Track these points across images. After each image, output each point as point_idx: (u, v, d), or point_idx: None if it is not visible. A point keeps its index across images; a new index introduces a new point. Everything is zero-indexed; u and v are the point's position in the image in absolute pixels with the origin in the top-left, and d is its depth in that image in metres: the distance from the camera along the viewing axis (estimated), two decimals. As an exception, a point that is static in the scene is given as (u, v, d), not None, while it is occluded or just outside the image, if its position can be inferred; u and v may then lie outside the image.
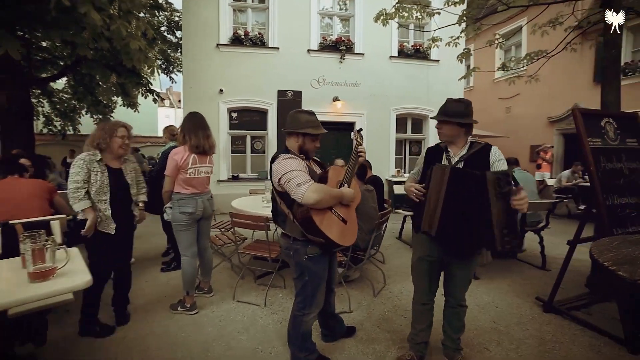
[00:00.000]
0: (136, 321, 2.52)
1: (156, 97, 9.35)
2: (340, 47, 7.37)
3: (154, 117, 19.89)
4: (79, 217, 2.15)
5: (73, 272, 1.30)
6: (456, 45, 4.86)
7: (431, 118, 2.01)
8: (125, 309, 2.53)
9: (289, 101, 7.20)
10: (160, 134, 10.07)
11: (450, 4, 4.33)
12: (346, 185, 1.82)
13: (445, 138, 1.87)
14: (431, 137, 8.32)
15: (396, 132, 8.12)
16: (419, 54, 7.96)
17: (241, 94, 7.03)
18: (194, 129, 2.56)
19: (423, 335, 2.04)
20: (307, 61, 7.33)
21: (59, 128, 10.98)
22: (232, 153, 7.31)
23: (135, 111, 9.77)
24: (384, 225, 3.26)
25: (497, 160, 1.79)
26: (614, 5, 3.03)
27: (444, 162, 1.87)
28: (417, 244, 1.96)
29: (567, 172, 7.27)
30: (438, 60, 8.05)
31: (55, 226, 2.13)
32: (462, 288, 1.93)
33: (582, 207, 7.03)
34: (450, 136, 1.83)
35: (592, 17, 4.17)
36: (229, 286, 3.16)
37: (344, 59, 7.45)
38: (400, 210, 4.81)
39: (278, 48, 7.12)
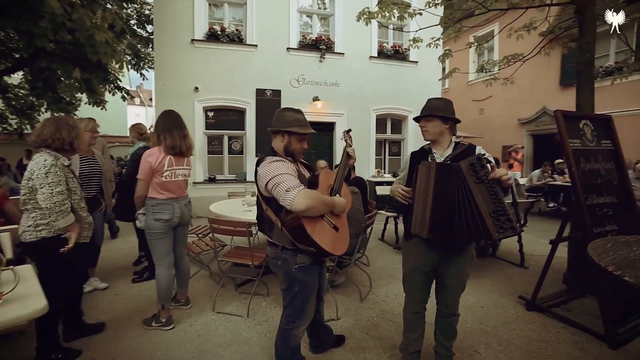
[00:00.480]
0: (105, 339, 2.29)
1: (125, 95, 8.83)
2: (320, 46, 7.28)
3: (123, 115, 18.92)
4: (63, 234, 1.91)
5: (23, 297, 1.10)
6: (436, 47, 4.91)
7: (414, 119, 1.94)
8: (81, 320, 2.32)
9: (268, 100, 7.02)
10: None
11: (431, 5, 4.35)
12: (337, 191, 1.72)
13: (430, 137, 1.82)
14: (410, 137, 8.42)
15: (376, 133, 8.14)
16: (398, 54, 8.03)
17: (218, 93, 6.77)
18: (170, 128, 2.36)
19: (416, 344, 1.97)
20: (286, 60, 7.17)
21: (15, 127, 10.10)
22: (208, 154, 7.02)
23: (102, 109, 9.18)
24: (370, 227, 3.19)
25: (484, 158, 1.78)
26: (587, 12, 3.13)
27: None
28: (410, 253, 1.88)
29: (537, 172, 7.60)
30: (417, 62, 8.15)
31: (5, 239, 1.86)
32: (456, 297, 1.88)
33: (551, 204, 7.38)
34: (435, 134, 1.79)
35: (563, 23, 4.33)
36: (208, 296, 2.97)
37: (324, 58, 7.36)
38: (382, 212, 4.79)
39: (256, 45, 6.92)
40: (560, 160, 7.63)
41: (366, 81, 7.78)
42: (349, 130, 1.95)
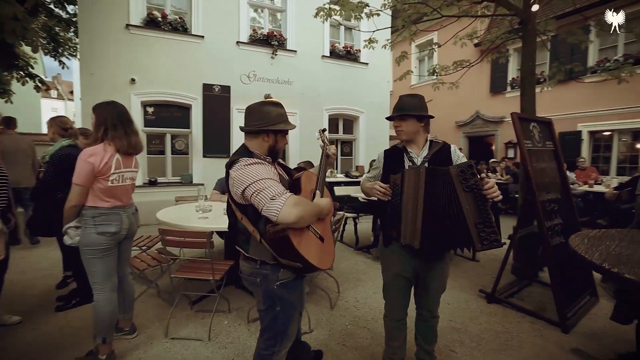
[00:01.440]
0: (21, 391, 1.80)
1: (39, 85, 7.49)
2: (272, 41, 6.99)
3: (36, 110, 16.22)
4: None
5: None
6: (390, 48, 5.01)
7: (387, 118, 1.83)
8: None
9: (216, 97, 6.52)
10: (45, 129, 8.15)
11: (387, 7, 4.40)
12: (319, 194, 1.54)
13: (405, 137, 1.73)
14: (362, 138, 8.57)
15: (329, 133, 8.11)
16: (349, 55, 8.11)
17: (159, 86, 6.08)
18: (118, 122, 1.95)
19: (400, 352, 1.89)
20: (236, 54, 6.75)
21: None
22: (148, 154, 6.27)
23: (7, 101, 7.69)
24: (337, 230, 3.07)
25: (459, 158, 1.75)
26: (529, 25, 3.41)
27: (407, 163, 1.73)
28: (391, 260, 1.78)
29: (475, 170, 8.29)
30: (367, 63, 8.32)
31: None
32: (438, 300, 1.84)
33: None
34: (410, 133, 1.71)
35: (501, 35, 4.72)
36: (158, 320, 2.56)
37: (276, 54, 7.10)
38: (340, 212, 4.72)
39: (203, 37, 6.38)
40: (494, 160, 8.42)
41: (319, 80, 7.71)
42: (324, 130, 1.77)
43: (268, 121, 1.44)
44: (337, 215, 3.15)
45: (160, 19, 6.03)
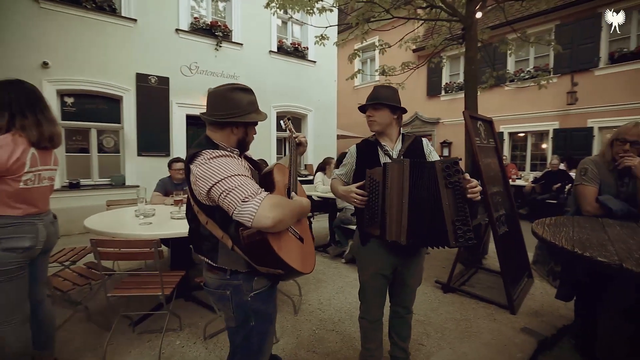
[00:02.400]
0: None
1: None
2: (216, 32, 6.53)
3: None
4: None
5: None
6: (340, 47, 5.02)
7: (359, 108, 1.73)
8: None
9: (152, 89, 5.86)
10: None
11: (338, 3, 4.38)
12: (294, 190, 1.39)
13: (377, 128, 1.68)
14: (310, 137, 8.51)
15: (276, 131, 7.90)
16: (297, 52, 7.99)
17: (81, 73, 5.22)
18: (27, 107, 1.53)
19: (377, 354, 1.83)
20: (175, 43, 6.14)
21: None
22: (67, 152, 5.36)
23: None
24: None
25: (431, 152, 1.76)
26: (472, 30, 3.67)
27: (382, 157, 1.68)
28: (369, 258, 1.70)
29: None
30: (315, 61, 8.29)
31: None
32: (413, 295, 1.82)
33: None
34: (383, 125, 1.66)
35: (444, 42, 5.06)
36: (91, 349, 2.13)
37: (220, 46, 6.65)
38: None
39: (135, 20, 5.66)
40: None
41: (266, 76, 7.44)
42: (289, 118, 1.60)
43: (237, 111, 1.23)
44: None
45: (80, -5, 5.19)
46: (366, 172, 1.58)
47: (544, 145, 8.77)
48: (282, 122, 1.60)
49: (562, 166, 7.03)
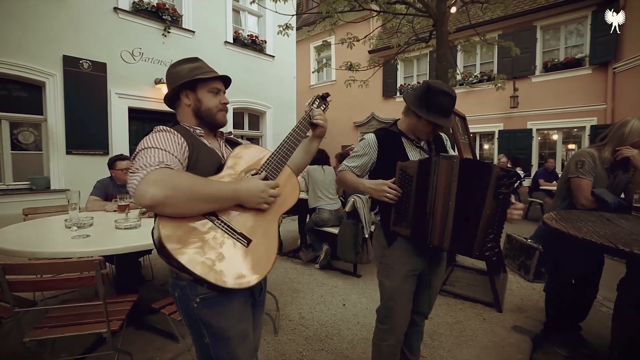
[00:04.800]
0: None
1: None
2: (163, 15, 5.79)
3: None
4: None
5: None
6: (305, 40, 4.75)
7: (444, 125, 1.46)
8: None
9: (84, 75, 4.96)
10: None
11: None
12: (266, 176, 1.06)
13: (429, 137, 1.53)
14: (269, 134, 8.10)
15: (233, 128, 7.34)
16: (255, 45, 7.50)
17: (-15, 51, 4.19)
18: None
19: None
20: (114, 23, 5.29)
21: None
22: None
23: None
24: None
25: (449, 148, 1.66)
26: (443, 27, 3.65)
27: (410, 150, 1.49)
28: (399, 259, 1.45)
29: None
30: (273, 56, 7.89)
31: None
32: (435, 298, 1.64)
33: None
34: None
35: (410, 40, 5.06)
36: (2, 411, 1.56)
37: (169, 32, 5.92)
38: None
39: (60, -7, 4.74)
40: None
41: (221, 69, 6.44)
42: (325, 95, 1.33)
43: (178, 77, 1.09)
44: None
45: (-17, -46, 4.16)
46: (397, 166, 1.35)
47: (486, 147, 9.45)
48: (312, 99, 1.32)
49: (508, 165, 7.57)
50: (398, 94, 11.04)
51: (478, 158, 9.54)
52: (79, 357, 1.88)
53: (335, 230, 3.53)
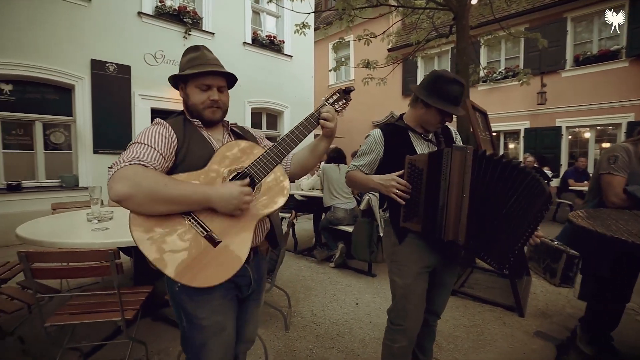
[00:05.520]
0: None
1: None
2: (184, 18, 5.97)
3: None
4: None
5: None
6: (322, 39, 4.73)
7: (454, 114, 1.37)
8: None
9: (111, 77, 5.19)
10: None
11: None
12: (256, 180, 1.01)
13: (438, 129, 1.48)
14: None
15: (252, 128, 7.42)
16: (273, 45, 7.58)
17: (22, 56, 4.46)
18: None
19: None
20: (138, 28, 5.51)
21: None
22: (4, 149, 4.58)
23: None
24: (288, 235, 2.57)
25: (458, 141, 1.59)
26: (464, 20, 3.52)
27: (417, 143, 1.45)
28: (410, 256, 1.40)
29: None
30: (291, 56, 7.94)
31: None
32: (448, 297, 1.58)
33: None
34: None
35: (430, 35, 4.93)
36: (25, 393, 1.63)
37: (189, 34, 6.09)
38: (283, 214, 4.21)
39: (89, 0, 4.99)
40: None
41: (240, 69, 6.89)
42: (349, 90, 1.19)
43: (179, 72, 1.09)
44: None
45: (20, -35, 4.45)
46: (406, 159, 1.31)
47: (511, 145, 9.05)
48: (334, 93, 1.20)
49: (535, 164, 7.21)
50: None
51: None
52: (97, 343, 1.95)
53: (350, 229, 3.49)
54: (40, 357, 1.90)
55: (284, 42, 7.80)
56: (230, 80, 1.16)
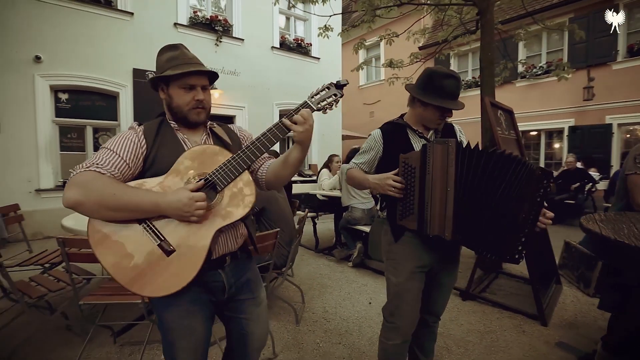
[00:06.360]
0: None
1: None
2: (216, 27, 6.31)
3: None
4: None
5: None
6: (343, 40, 4.77)
7: (452, 108, 1.36)
8: None
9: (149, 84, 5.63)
10: None
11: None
12: (219, 186, 0.98)
13: (440, 126, 1.48)
14: (314, 136, 8.21)
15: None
16: (300, 48, 7.75)
17: (75, 68, 5.02)
18: None
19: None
20: (174, 38, 5.93)
21: None
22: (62, 150, 5.16)
23: None
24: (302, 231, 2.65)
25: (463, 140, 1.56)
26: (488, 14, 3.38)
27: (415, 141, 1.45)
28: (405, 254, 1.42)
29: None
30: (319, 58, 8.05)
31: None
32: (447, 299, 1.56)
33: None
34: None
35: (455, 32, 4.76)
36: (63, 362, 1.87)
37: (220, 41, 6.43)
38: (299, 212, 4.32)
39: (132, 14, 5.47)
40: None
41: (268, 73, 7.20)
42: (340, 84, 1.10)
43: (157, 72, 1.06)
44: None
45: (75, -13, 5.00)
46: (400, 158, 1.33)
47: (556, 145, 8.39)
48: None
49: (579, 165, 6.66)
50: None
51: (542, 159, 8.57)
52: (124, 323, 2.17)
53: (367, 229, 3.50)
54: (79, 333, 2.15)
55: (311, 45, 7.94)
56: (212, 78, 1.12)
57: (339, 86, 1.11)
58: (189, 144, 1.06)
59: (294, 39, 7.71)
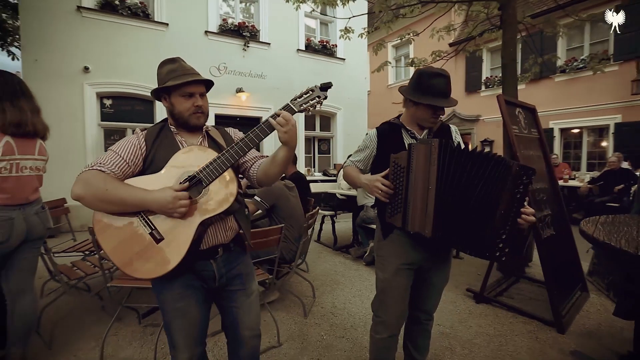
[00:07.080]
0: None
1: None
2: (243, 32, 6.60)
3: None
4: None
5: None
6: (363, 36, 4.80)
7: (442, 106, 1.39)
8: None
9: (183, 89, 6.03)
10: None
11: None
12: (205, 182, 1.08)
13: (434, 125, 1.50)
14: (339, 135, 8.32)
15: (305, 130, 7.80)
16: (326, 50, 7.85)
17: (118, 76, 5.52)
18: (10, 95, 1.54)
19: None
20: (205, 44, 6.30)
21: None
22: (106, 150, 5.68)
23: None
24: (312, 228, 2.75)
25: (459, 141, 1.57)
26: (510, 9, 3.26)
27: (407, 142, 1.49)
28: (391, 252, 1.46)
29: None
30: (344, 59, 8.10)
31: None
32: (438, 298, 1.57)
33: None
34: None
35: (477, 29, 4.61)
36: (95, 338, 2.12)
37: (248, 46, 6.71)
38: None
39: (167, 24, 5.89)
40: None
41: (294, 75, 7.37)
42: (327, 86, 1.18)
43: (159, 84, 1.18)
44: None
45: (117, 2, 5.49)
46: (390, 158, 1.37)
47: (604, 143, 7.73)
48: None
49: (625, 165, 6.12)
50: (483, 87, 9.98)
51: (584, 159, 7.94)
52: (145, 306, 2.39)
53: (382, 228, 3.52)
54: (111, 313, 2.41)
55: (336, 47, 8.01)
56: (208, 86, 1.23)
57: (324, 88, 1.18)
58: (185, 146, 1.17)
59: (319, 41, 7.83)
